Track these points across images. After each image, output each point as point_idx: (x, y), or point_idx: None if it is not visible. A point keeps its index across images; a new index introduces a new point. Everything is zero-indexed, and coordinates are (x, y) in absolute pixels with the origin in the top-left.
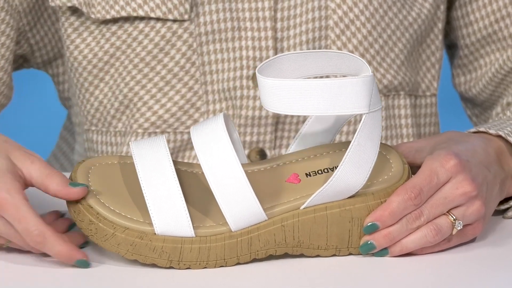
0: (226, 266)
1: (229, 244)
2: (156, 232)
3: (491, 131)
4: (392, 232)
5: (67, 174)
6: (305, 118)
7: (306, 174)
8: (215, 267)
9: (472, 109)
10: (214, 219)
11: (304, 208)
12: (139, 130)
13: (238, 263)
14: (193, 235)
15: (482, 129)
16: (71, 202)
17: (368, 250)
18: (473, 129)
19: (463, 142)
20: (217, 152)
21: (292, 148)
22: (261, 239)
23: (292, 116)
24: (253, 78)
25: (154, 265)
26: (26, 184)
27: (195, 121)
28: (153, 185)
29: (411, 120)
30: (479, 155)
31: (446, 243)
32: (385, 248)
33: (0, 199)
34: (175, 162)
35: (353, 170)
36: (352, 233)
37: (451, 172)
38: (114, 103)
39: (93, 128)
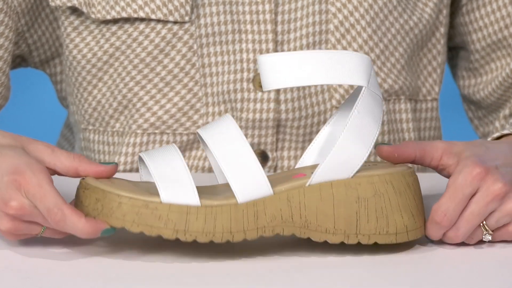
0: (233, 241)
1: (235, 215)
2: (161, 200)
3: None
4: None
5: None
6: (306, 122)
7: (312, 173)
8: (221, 240)
9: (476, 111)
10: (220, 195)
11: (309, 186)
12: (138, 131)
13: (245, 239)
14: (198, 203)
15: (506, 131)
16: (77, 192)
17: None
18: (497, 134)
19: (492, 148)
20: (222, 130)
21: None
22: (267, 213)
23: (293, 119)
24: (254, 81)
25: (155, 267)
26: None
27: (194, 123)
28: (157, 159)
29: (412, 124)
30: (508, 158)
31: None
32: None
33: (25, 180)
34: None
35: (355, 140)
36: (360, 216)
37: (477, 183)
38: (112, 103)
39: (90, 127)
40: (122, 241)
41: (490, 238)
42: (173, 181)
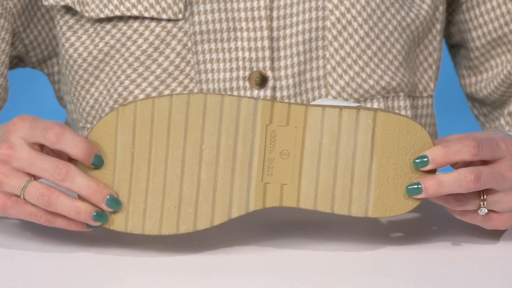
0: None
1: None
2: None
3: None
4: (444, 181)
5: None
6: None
7: None
8: None
9: (480, 108)
10: None
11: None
12: None
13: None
14: None
15: None
16: None
17: (414, 193)
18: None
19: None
20: None
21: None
22: None
23: None
24: (250, 78)
25: (156, 267)
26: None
27: None
28: None
29: None
30: None
31: (472, 218)
32: (420, 185)
33: (22, 119)
34: None
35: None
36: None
37: (508, 152)
38: (109, 101)
39: (88, 125)
40: (122, 241)
41: (485, 211)
42: None
